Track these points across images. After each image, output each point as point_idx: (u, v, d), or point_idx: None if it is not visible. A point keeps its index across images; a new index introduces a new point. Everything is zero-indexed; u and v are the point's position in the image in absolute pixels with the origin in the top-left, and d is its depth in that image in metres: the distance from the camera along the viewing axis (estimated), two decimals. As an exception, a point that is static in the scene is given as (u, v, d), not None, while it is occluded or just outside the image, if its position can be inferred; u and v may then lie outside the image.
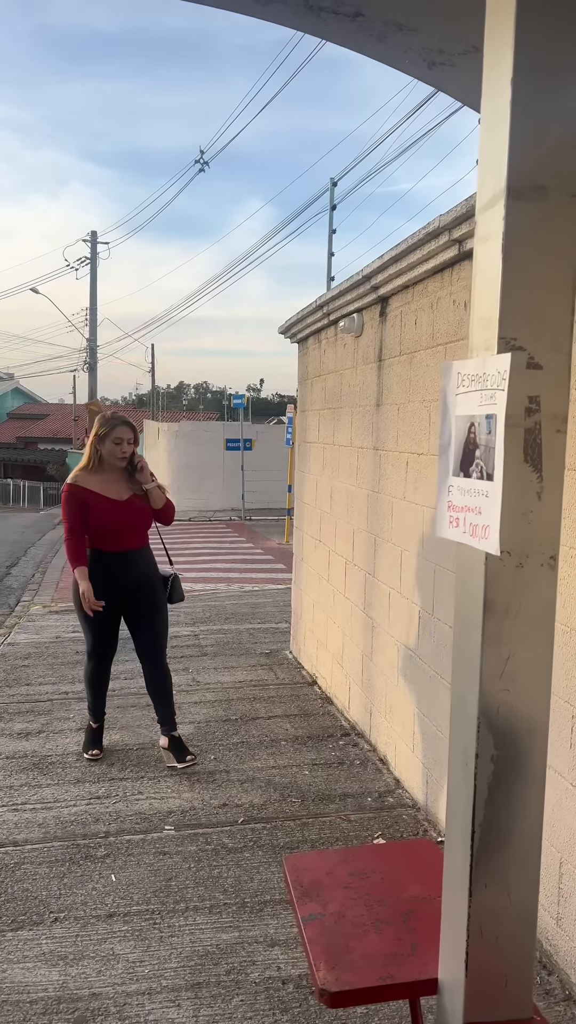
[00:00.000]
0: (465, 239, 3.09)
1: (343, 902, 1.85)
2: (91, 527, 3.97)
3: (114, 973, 2.57)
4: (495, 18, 1.39)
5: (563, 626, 2.48)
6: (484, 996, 1.48)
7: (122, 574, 4.04)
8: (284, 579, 10.47)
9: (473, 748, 1.44)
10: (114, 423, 4.02)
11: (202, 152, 23.54)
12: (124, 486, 4.05)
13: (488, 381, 1.38)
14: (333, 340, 5.22)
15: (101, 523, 3.96)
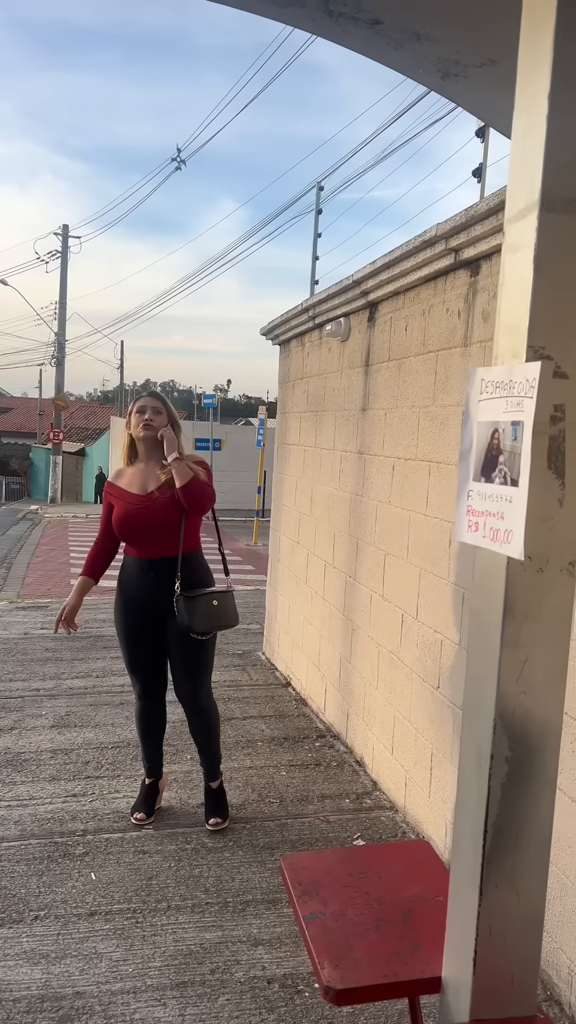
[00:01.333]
0: (462, 248, 3.13)
1: (343, 901, 1.86)
2: (114, 529, 3.40)
3: (98, 972, 2.55)
4: (532, 32, 1.41)
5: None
6: (491, 994, 1.50)
7: (147, 586, 3.36)
8: (254, 580, 10.48)
9: (488, 749, 1.46)
10: (140, 396, 3.48)
11: (179, 150, 23.43)
12: (153, 478, 3.35)
13: (515, 388, 1.41)
14: (318, 343, 5.24)
15: (118, 523, 3.36)
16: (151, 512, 3.30)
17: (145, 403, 3.40)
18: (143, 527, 3.31)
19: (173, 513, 3.30)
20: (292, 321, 5.58)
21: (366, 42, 2.22)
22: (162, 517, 3.30)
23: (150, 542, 3.33)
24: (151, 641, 3.43)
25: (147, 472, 3.40)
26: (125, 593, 3.43)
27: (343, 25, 2.15)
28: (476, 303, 3.13)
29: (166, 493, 3.30)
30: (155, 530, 3.31)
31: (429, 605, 3.42)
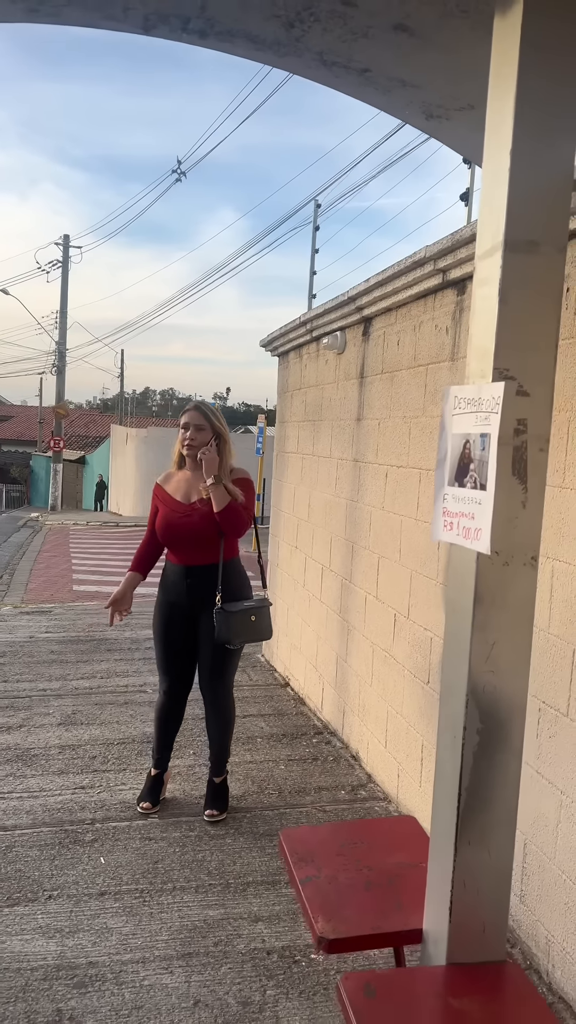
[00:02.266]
0: (449, 269, 3.34)
1: (336, 867, 2.05)
2: (156, 533, 3.55)
3: (109, 944, 2.74)
4: (497, 96, 1.62)
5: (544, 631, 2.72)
6: (465, 941, 1.69)
7: (183, 592, 3.51)
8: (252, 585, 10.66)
9: (461, 722, 1.66)
10: (186, 408, 3.50)
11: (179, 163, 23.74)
12: (196, 488, 3.47)
13: (483, 404, 1.61)
14: (315, 355, 5.45)
15: (160, 529, 3.51)
16: (192, 523, 3.42)
17: (189, 419, 3.44)
18: (183, 536, 3.45)
19: (212, 525, 3.40)
20: (291, 334, 5.79)
21: (357, 87, 2.43)
22: (200, 529, 3.41)
23: (189, 550, 3.46)
24: (184, 644, 3.58)
25: (192, 482, 3.50)
26: (165, 596, 3.58)
27: (336, 73, 2.37)
28: (462, 320, 3.33)
29: (207, 506, 3.39)
30: (194, 540, 3.43)
31: (420, 605, 3.62)
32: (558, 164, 1.59)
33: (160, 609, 3.62)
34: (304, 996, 2.51)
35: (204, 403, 3.56)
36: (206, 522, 3.40)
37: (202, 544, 3.44)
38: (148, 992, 2.51)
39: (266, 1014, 2.43)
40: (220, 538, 3.45)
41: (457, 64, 2.16)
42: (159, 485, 3.62)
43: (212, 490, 3.35)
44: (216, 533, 3.42)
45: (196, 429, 3.43)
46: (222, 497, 3.36)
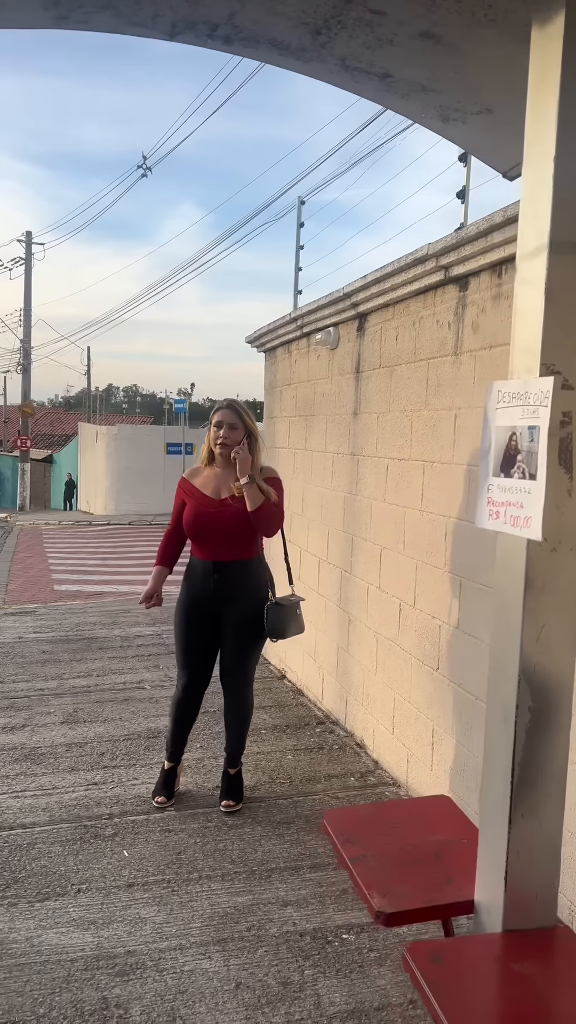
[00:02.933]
0: (452, 266, 3.42)
1: (381, 846, 2.14)
2: (184, 527, 3.57)
3: (144, 933, 2.80)
4: (538, 101, 1.70)
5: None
6: (519, 909, 1.78)
7: (209, 588, 3.53)
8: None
9: (513, 701, 1.74)
10: (219, 406, 3.54)
11: (145, 158, 23.59)
12: (227, 485, 3.49)
13: (531, 398, 1.69)
14: (306, 351, 5.52)
15: (188, 523, 3.52)
16: (223, 519, 3.46)
17: (222, 417, 3.48)
18: (212, 531, 3.48)
19: (242, 522, 3.44)
20: (280, 330, 5.85)
21: (376, 91, 2.50)
22: (231, 525, 3.45)
23: (218, 545, 3.49)
24: (208, 639, 3.61)
25: (222, 478, 3.53)
26: (190, 592, 3.60)
27: (357, 78, 2.43)
28: (465, 316, 3.43)
29: (239, 503, 3.43)
30: (224, 536, 3.47)
31: (427, 593, 3.71)
32: (597, 169, 1.68)
33: (184, 605, 3.64)
34: (341, 974, 2.59)
35: (236, 401, 3.57)
36: (238, 519, 3.44)
37: (232, 540, 3.48)
38: (189, 977, 2.57)
39: (307, 992, 2.51)
40: (252, 534, 3.52)
41: (478, 69, 2.24)
42: (185, 479, 3.64)
43: (246, 489, 3.38)
44: (246, 530, 3.47)
45: (229, 428, 3.46)
46: (256, 496, 3.39)
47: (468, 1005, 1.57)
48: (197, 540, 3.54)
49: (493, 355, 3.20)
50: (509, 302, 3.11)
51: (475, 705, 3.30)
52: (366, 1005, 2.45)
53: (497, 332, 3.18)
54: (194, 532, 3.53)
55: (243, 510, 3.41)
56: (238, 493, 3.42)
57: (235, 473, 3.45)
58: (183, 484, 3.63)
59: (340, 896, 3.03)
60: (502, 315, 3.15)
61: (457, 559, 3.45)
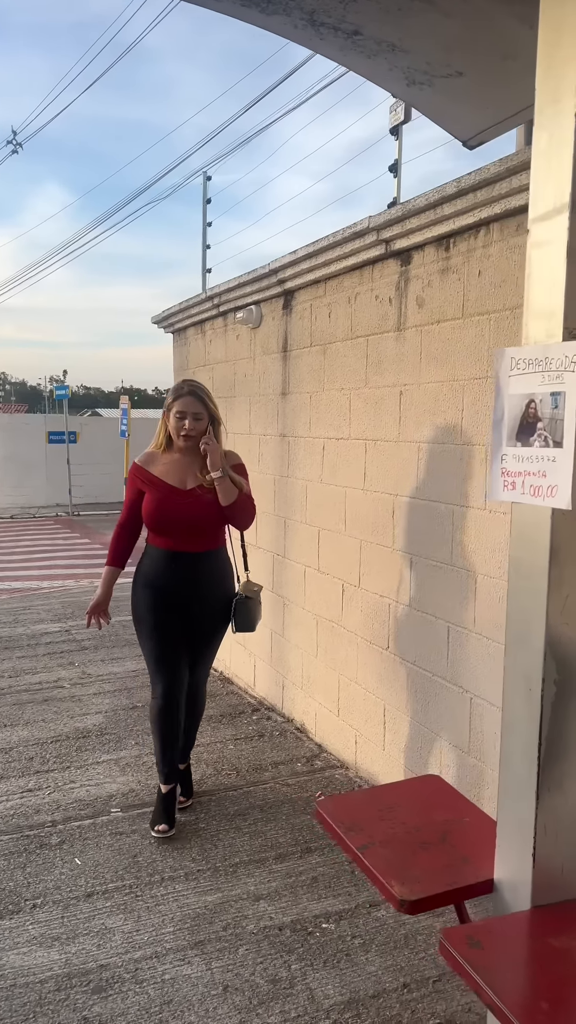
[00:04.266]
0: (394, 239, 3.37)
1: (385, 832, 2.07)
2: (145, 518, 3.28)
3: (114, 945, 2.63)
4: (553, 61, 1.65)
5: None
6: (547, 883, 1.76)
7: (175, 581, 3.27)
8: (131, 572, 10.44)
9: (539, 674, 1.71)
10: (178, 392, 3.25)
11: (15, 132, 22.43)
12: (192, 474, 3.26)
13: (553, 364, 1.65)
14: (223, 331, 5.37)
15: (152, 514, 3.24)
16: (193, 510, 3.22)
17: (185, 407, 3.21)
18: (181, 523, 3.23)
19: (214, 514, 3.24)
20: (192, 309, 5.67)
21: (340, 50, 2.40)
22: (202, 517, 3.23)
23: (185, 537, 3.25)
24: (179, 636, 3.33)
25: (186, 467, 3.27)
26: (152, 585, 3.29)
27: (322, 34, 2.32)
28: (409, 291, 3.39)
29: (208, 494, 3.22)
30: (193, 528, 3.23)
31: (373, 573, 3.68)
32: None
33: (149, 603, 3.30)
34: (329, 965, 2.52)
35: (199, 386, 3.30)
36: (209, 510, 3.23)
37: (201, 532, 3.26)
38: (172, 985, 2.44)
39: (298, 988, 2.42)
40: (223, 525, 3.34)
41: (455, 30, 2.18)
42: (141, 467, 3.31)
43: (219, 484, 3.18)
44: (217, 521, 3.28)
45: (194, 418, 3.21)
46: (230, 491, 3.21)
47: (521, 987, 1.53)
48: (162, 531, 3.27)
49: (442, 329, 3.18)
50: (458, 275, 3.09)
51: (432, 682, 3.29)
52: (361, 994, 2.39)
53: (446, 306, 3.15)
54: (159, 524, 3.26)
55: (214, 501, 3.21)
56: (208, 485, 3.21)
57: (200, 461, 3.25)
58: (138, 473, 3.31)
59: (311, 885, 2.96)
60: (450, 289, 3.13)
61: (407, 537, 3.43)
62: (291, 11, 2.25)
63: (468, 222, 2.95)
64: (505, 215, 2.80)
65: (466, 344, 3.05)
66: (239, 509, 3.26)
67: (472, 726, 3.07)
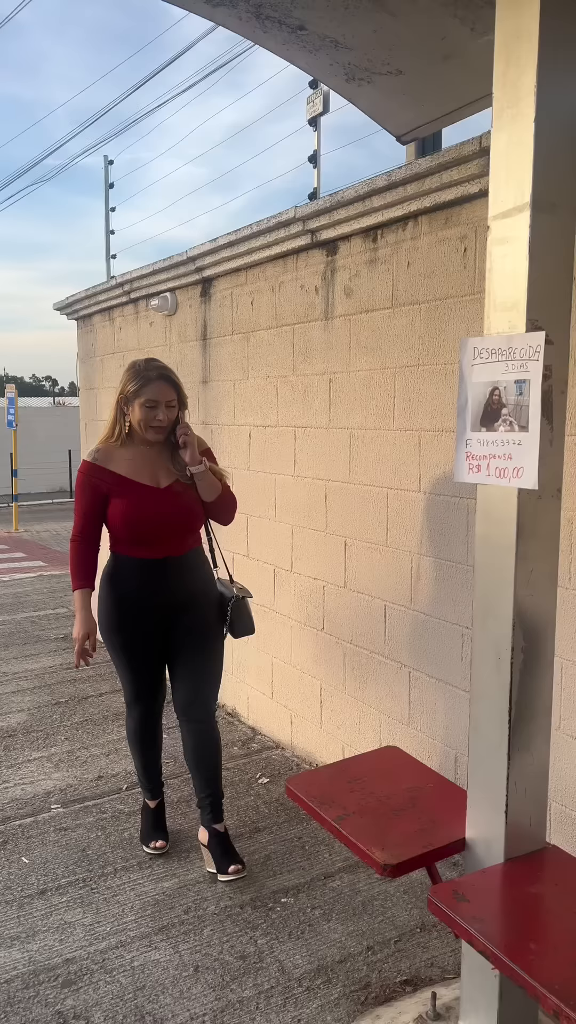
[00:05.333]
0: (320, 230, 3.44)
1: (357, 803, 2.16)
2: (113, 525, 2.81)
3: (76, 938, 2.62)
4: (511, 65, 1.75)
5: (447, 561, 2.98)
6: (517, 837, 1.90)
7: (158, 591, 2.85)
8: (31, 567, 10.17)
9: (508, 644, 1.83)
10: (146, 377, 2.77)
11: None
12: (164, 468, 2.84)
13: (516, 354, 1.77)
14: (134, 318, 5.31)
15: (129, 521, 2.78)
16: (176, 510, 2.82)
17: (157, 395, 2.76)
18: (160, 526, 2.80)
19: (194, 511, 2.87)
20: (100, 296, 5.57)
21: (283, 44, 2.44)
22: (183, 516, 2.84)
23: (160, 541, 2.82)
24: (159, 654, 2.96)
25: (154, 460, 2.85)
26: (135, 601, 2.86)
27: (267, 28, 2.36)
28: (336, 280, 3.47)
29: (187, 490, 2.85)
30: (173, 529, 2.83)
31: (306, 557, 3.76)
32: (568, 132, 1.77)
33: (125, 618, 2.88)
34: (294, 936, 2.60)
35: (167, 369, 2.87)
36: (190, 507, 2.85)
37: (181, 532, 2.86)
38: (143, 971, 2.46)
39: (267, 961, 2.49)
40: (203, 522, 2.97)
41: (399, 29, 2.26)
42: (98, 466, 2.81)
43: (200, 479, 2.82)
44: (200, 518, 2.92)
45: (167, 406, 2.78)
46: (212, 485, 2.86)
47: (509, 932, 1.65)
48: (138, 537, 2.81)
49: (371, 319, 3.28)
50: (386, 266, 3.19)
51: (370, 659, 3.42)
52: (328, 960, 2.49)
53: (375, 296, 3.26)
54: (139, 532, 2.80)
55: (195, 496, 2.85)
56: (186, 480, 2.84)
57: (169, 452, 2.86)
58: (97, 473, 2.81)
59: (265, 863, 3.03)
60: (379, 279, 3.23)
61: (341, 520, 3.53)
62: (237, 3, 2.27)
63: (397, 215, 3.05)
64: (434, 208, 2.92)
65: (396, 333, 3.16)
66: (223, 503, 2.94)
67: (412, 698, 3.21)
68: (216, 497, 2.88)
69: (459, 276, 2.87)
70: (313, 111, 3.99)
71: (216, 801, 2.97)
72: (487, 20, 2.13)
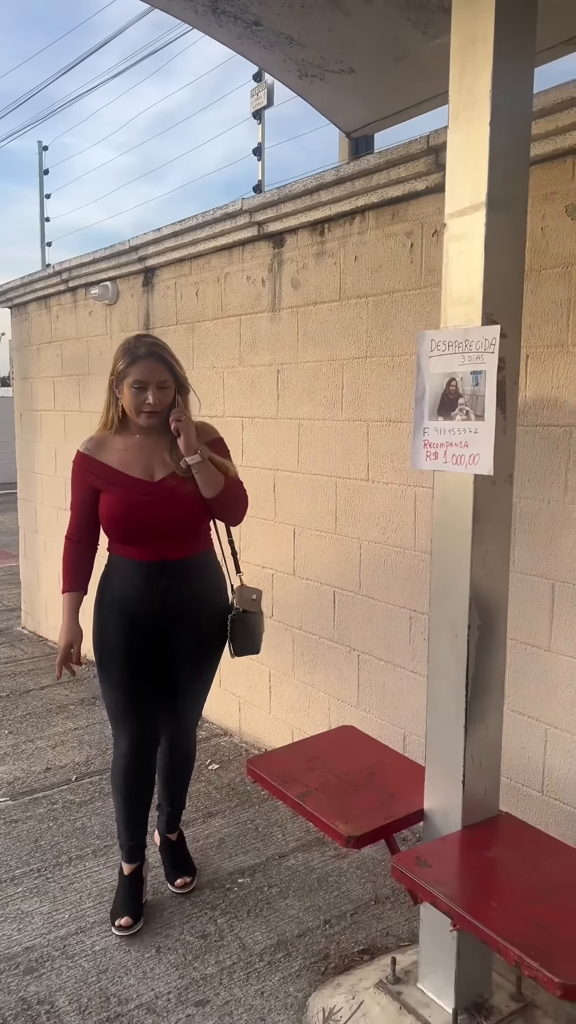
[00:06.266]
0: (267, 222, 3.49)
1: (318, 780, 2.24)
2: (102, 522, 2.54)
3: (35, 927, 2.63)
4: (466, 69, 1.83)
5: (395, 547, 3.08)
6: (473, 805, 2.00)
7: (156, 598, 2.52)
8: None
9: (465, 622, 1.93)
10: (134, 355, 2.43)
11: None
12: (159, 459, 2.51)
13: (473, 346, 1.85)
14: (72, 307, 5.25)
15: (117, 518, 2.49)
16: (170, 507, 2.47)
17: (146, 375, 2.43)
18: (155, 525, 2.48)
19: (197, 508, 2.51)
20: (37, 284, 5.49)
21: (237, 38, 2.48)
22: (182, 514, 2.50)
23: (161, 541, 2.51)
24: (155, 672, 2.60)
25: (150, 450, 2.52)
26: (123, 607, 2.54)
27: (222, 22, 2.39)
28: (283, 273, 3.52)
29: (185, 484, 2.48)
30: (171, 529, 2.50)
31: (254, 546, 3.82)
32: (521, 134, 1.86)
33: (119, 629, 2.55)
34: (253, 914, 2.67)
35: (159, 345, 2.50)
36: (187, 504, 2.49)
37: (182, 533, 2.52)
38: (104, 955, 2.48)
39: (228, 939, 2.55)
40: (207, 521, 2.60)
41: (353, 29, 2.32)
42: (89, 457, 2.54)
43: (199, 471, 2.45)
44: (200, 517, 2.55)
45: (159, 388, 2.44)
46: (212, 478, 2.47)
47: (470, 894, 1.74)
48: (132, 538, 2.52)
49: (319, 311, 3.34)
50: (334, 260, 3.26)
51: (319, 644, 3.49)
52: (287, 935, 2.56)
53: (322, 289, 3.32)
54: (128, 529, 2.50)
55: (195, 493, 2.49)
56: (184, 473, 2.48)
57: (168, 441, 2.51)
58: (87, 464, 2.55)
59: (220, 846, 3.08)
60: (326, 272, 3.30)
61: (289, 509, 3.59)
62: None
63: (345, 209, 3.12)
64: (382, 204, 3.00)
65: (344, 325, 3.23)
66: (227, 500, 2.54)
67: (361, 681, 3.30)
68: (218, 493, 2.49)
69: (406, 270, 2.96)
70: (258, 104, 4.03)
71: (175, 813, 2.88)
72: (439, 24, 2.22)
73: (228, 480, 2.53)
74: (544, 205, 2.48)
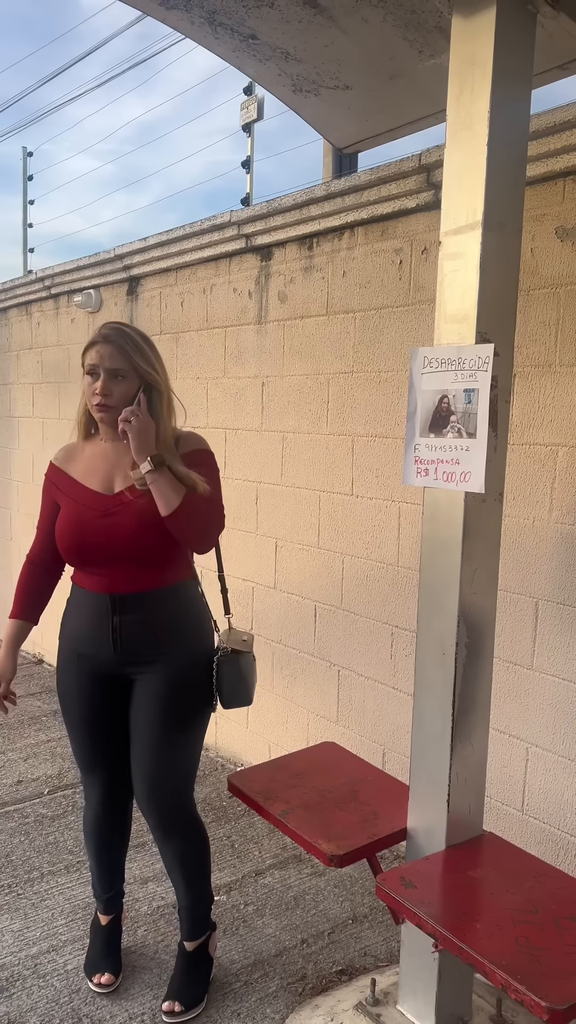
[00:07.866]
0: (256, 235, 3.49)
1: (300, 797, 2.21)
2: (59, 543, 2.18)
3: (6, 944, 2.57)
4: (465, 91, 1.84)
5: (378, 562, 3.08)
6: (458, 825, 1.98)
7: (106, 639, 2.15)
8: None
9: (453, 640, 1.92)
10: (93, 338, 2.11)
11: None
12: (121, 470, 2.14)
13: (466, 364, 1.86)
14: (53, 313, 5.21)
15: (64, 537, 2.15)
16: (119, 525, 2.08)
17: (97, 359, 2.07)
18: (105, 548, 2.09)
19: (151, 528, 2.06)
20: (18, 290, 5.44)
21: (234, 51, 2.48)
22: (132, 535, 2.07)
23: (115, 569, 2.12)
24: (117, 717, 2.24)
25: (114, 459, 2.16)
26: (76, 644, 2.21)
27: (219, 34, 2.39)
28: (270, 286, 3.52)
29: (143, 498, 2.06)
30: (128, 554, 2.09)
31: (236, 557, 3.79)
32: (518, 154, 1.87)
33: (73, 669, 2.22)
34: (230, 932, 2.63)
35: (122, 331, 2.10)
36: (140, 523, 2.06)
37: (137, 559, 2.10)
38: (78, 974, 2.43)
39: (204, 958, 2.50)
40: (172, 547, 2.12)
41: (349, 46, 2.33)
42: (56, 467, 2.25)
43: (152, 480, 2.00)
44: (159, 541, 2.08)
45: (110, 376, 2.06)
46: (169, 490, 2.00)
47: (454, 914, 1.73)
48: (81, 562, 2.16)
49: (306, 325, 3.34)
50: (322, 274, 3.27)
51: (299, 658, 3.47)
52: (264, 955, 2.52)
53: (309, 303, 3.32)
54: (75, 551, 2.14)
55: (150, 508, 2.04)
56: (141, 485, 2.05)
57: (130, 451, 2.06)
58: (54, 476, 2.25)
59: (195, 862, 3.03)
60: (314, 287, 3.30)
61: (272, 522, 3.58)
62: (191, 8, 2.29)
63: (334, 224, 3.13)
64: (371, 220, 3.01)
65: (331, 340, 3.24)
66: (184, 519, 2.03)
67: (340, 696, 3.28)
68: (172, 511, 2.01)
69: (394, 287, 2.97)
70: (247, 117, 4.05)
71: (196, 915, 2.34)
72: (436, 44, 2.23)
73: (188, 495, 2.03)
74: (534, 226, 2.50)
